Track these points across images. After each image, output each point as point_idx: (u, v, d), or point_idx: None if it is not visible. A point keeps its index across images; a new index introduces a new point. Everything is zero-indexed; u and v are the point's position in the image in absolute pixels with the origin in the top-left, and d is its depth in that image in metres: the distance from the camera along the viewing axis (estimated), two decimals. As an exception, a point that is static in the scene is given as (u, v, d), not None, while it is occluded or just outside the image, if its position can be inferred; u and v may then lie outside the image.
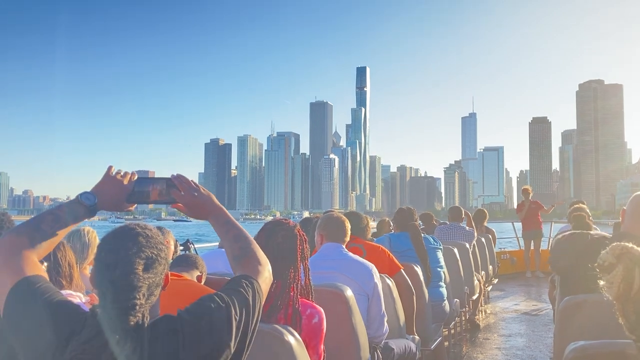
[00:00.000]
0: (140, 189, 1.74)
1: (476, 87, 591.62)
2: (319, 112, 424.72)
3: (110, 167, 1.74)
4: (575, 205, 6.40)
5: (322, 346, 2.25)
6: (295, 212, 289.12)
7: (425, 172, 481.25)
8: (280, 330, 1.97)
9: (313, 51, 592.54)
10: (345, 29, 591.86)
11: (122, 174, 1.73)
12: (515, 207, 13.16)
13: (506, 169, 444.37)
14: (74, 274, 2.47)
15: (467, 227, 7.52)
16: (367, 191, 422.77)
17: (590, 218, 5.43)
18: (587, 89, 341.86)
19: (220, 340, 1.38)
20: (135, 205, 1.75)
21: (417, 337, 3.83)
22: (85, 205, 1.65)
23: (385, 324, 3.16)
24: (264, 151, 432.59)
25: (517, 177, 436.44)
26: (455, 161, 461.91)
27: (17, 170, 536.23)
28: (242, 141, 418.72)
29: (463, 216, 7.52)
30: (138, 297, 1.30)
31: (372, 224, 5.09)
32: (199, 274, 2.65)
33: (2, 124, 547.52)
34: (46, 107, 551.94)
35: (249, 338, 1.48)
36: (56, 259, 2.41)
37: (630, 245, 1.25)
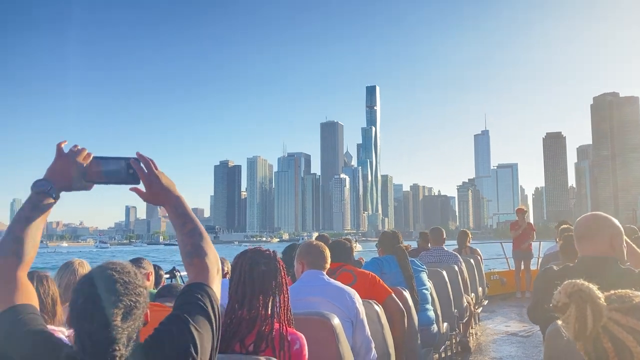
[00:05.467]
0: (98, 169, 1.68)
1: (488, 104, 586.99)
2: (330, 132, 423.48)
3: (60, 144, 1.69)
4: (563, 226, 6.46)
5: None
6: (305, 234, 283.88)
7: (439, 191, 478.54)
8: None
9: (322, 71, 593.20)
10: (354, 49, 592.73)
11: (76, 149, 1.69)
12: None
13: (521, 186, 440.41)
14: (57, 310, 2.42)
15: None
16: (380, 211, 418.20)
17: None
18: (602, 102, 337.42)
19: (179, 357, 1.38)
20: (94, 185, 1.70)
21: None
22: (41, 192, 1.62)
23: (373, 349, 3.15)
24: (274, 172, 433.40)
25: (533, 194, 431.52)
26: (468, 179, 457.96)
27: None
28: (252, 163, 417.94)
29: (444, 237, 7.36)
30: (118, 348, 1.30)
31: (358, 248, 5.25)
32: None
33: (16, 153, 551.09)
34: (55, 131, 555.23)
35: (215, 350, 1.47)
36: (38, 294, 2.22)
37: (581, 282, 1.21)
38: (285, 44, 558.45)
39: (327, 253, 3.41)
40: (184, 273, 5.44)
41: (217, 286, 1.60)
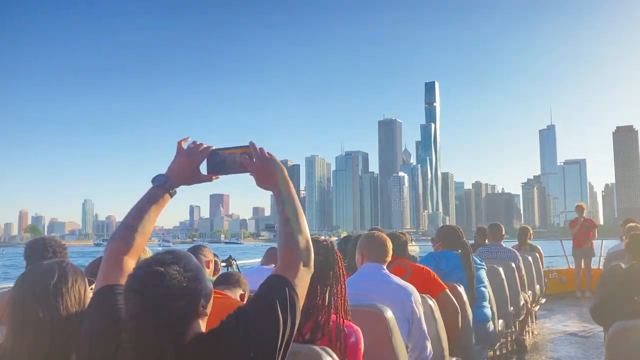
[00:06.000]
0: (218, 160, 1.78)
1: (554, 98, 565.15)
2: (388, 130, 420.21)
3: (179, 142, 1.81)
4: (630, 224, 6.34)
5: None
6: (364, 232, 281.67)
7: (502, 189, 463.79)
8: (318, 352, 1.92)
9: (380, 69, 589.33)
10: (412, 45, 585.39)
11: (194, 145, 1.80)
12: (601, 223, 12.66)
13: (590, 182, 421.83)
14: None
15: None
16: (440, 209, 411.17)
17: None
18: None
19: (256, 353, 1.39)
20: (218, 176, 1.81)
21: (460, 359, 3.77)
22: (158, 185, 1.77)
23: (429, 346, 3.15)
24: (331, 171, 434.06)
25: (602, 191, 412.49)
26: (534, 176, 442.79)
27: (101, 197, 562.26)
28: (310, 162, 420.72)
29: (503, 233, 7.17)
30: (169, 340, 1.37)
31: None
32: (242, 292, 2.68)
33: (88, 154, 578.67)
34: (124, 140, 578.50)
35: (285, 349, 1.46)
36: None
37: None
38: (343, 42, 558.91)
39: (389, 245, 3.38)
40: (240, 262, 5.46)
41: (301, 279, 1.57)
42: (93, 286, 1.80)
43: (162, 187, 1.78)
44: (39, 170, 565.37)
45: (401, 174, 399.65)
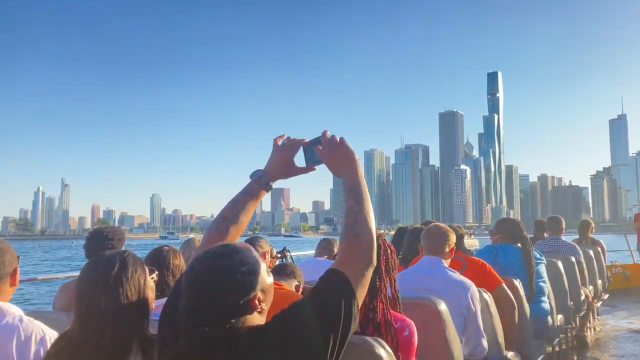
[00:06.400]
0: (311, 152, 1.84)
1: (625, 86, 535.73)
2: (449, 122, 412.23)
3: (275, 139, 1.89)
4: None
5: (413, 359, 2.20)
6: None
7: (570, 181, 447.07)
8: (371, 343, 1.90)
9: (440, 60, 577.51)
10: (473, 35, 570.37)
11: (287, 140, 1.88)
12: None
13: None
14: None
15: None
16: (504, 203, 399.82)
17: None
18: None
19: (308, 348, 1.37)
20: (314, 167, 1.85)
21: (517, 354, 3.69)
22: (254, 180, 1.86)
23: (483, 342, 3.12)
24: (391, 165, 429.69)
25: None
26: (603, 168, 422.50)
27: (168, 192, 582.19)
28: (369, 155, 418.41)
29: (563, 227, 7.00)
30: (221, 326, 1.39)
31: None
32: (297, 283, 2.70)
33: (157, 150, 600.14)
34: (190, 137, 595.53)
35: (341, 345, 1.42)
36: (170, 266, 2.60)
37: None
38: (402, 34, 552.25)
39: (452, 238, 3.34)
40: (294, 253, 5.49)
41: (360, 274, 1.51)
42: (154, 275, 1.93)
43: (258, 181, 1.85)
44: (110, 166, 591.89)
45: (463, 166, 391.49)
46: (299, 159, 1.88)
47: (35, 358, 2.01)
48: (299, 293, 2.55)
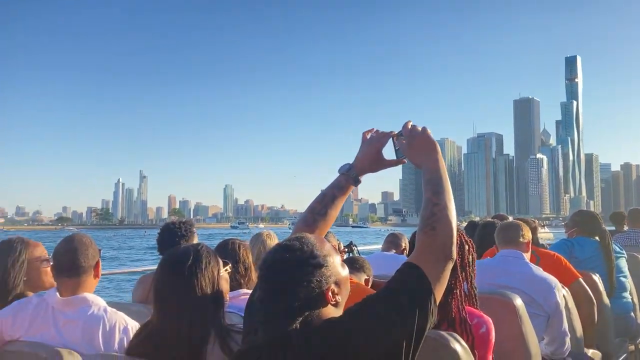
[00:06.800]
0: (400, 143, 1.81)
1: None
2: (524, 109, 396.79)
3: (364, 133, 1.89)
4: None
5: (490, 356, 2.16)
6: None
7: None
8: (446, 337, 1.88)
9: (514, 45, 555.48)
10: (549, 18, 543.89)
11: (377, 133, 1.87)
12: None
13: None
14: (251, 275, 2.66)
15: None
16: (584, 193, 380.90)
17: None
18: None
19: (382, 342, 1.36)
20: (404, 160, 1.82)
21: (597, 352, 3.59)
22: (342, 173, 1.86)
23: (568, 342, 3.04)
24: (462, 154, 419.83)
25: None
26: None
27: (240, 183, 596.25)
28: (440, 145, 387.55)
29: None
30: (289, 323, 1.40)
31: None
32: (366, 277, 2.70)
33: (230, 141, 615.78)
34: (262, 129, 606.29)
35: (417, 341, 1.40)
36: (237, 259, 2.65)
37: None
38: (473, 17, 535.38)
39: (527, 234, 3.25)
40: (361, 247, 5.35)
41: (437, 269, 1.46)
42: (228, 267, 2.01)
43: (346, 175, 1.85)
44: (186, 158, 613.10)
45: (539, 155, 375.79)
46: (387, 153, 1.86)
47: (119, 347, 2.16)
48: (368, 286, 2.53)
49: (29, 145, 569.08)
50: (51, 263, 2.44)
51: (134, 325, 2.24)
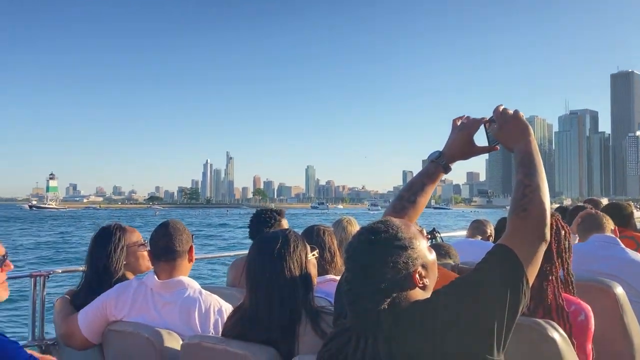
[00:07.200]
0: (492, 128, 1.75)
1: None
2: (622, 84, 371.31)
3: (454, 120, 1.86)
4: None
5: (590, 345, 2.08)
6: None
7: None
8: (544, 325, 1.85)
9: (612, 15, 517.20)
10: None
11: (466, 120, 1.83)
12: None
13: None
14: (336, 260, 2.69)
15: None
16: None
17: None
18: None
19: (471, 325, 1.35)
20: (497, 147, 1.77)
21: None
22: (432, 160, 1.86)
23: None
24: (553, 132, 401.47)
25: None
26: None
27: (322, 164, 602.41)
28: (529, 123, 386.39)
29: None
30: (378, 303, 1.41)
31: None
32: (452, 263, 2.69)
33: (311, 123, 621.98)
34: (343, 111, 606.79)
35: (508, 326, 1.38)
36: (321, 245, 2.65)
37: None
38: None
39: (608, 222, 3.16)
40: (444, 234, 5.31)
41: (529, 250, 1.44)
42: (315, 252, 2.08)
43: (436, 162, 1.85)
44: (270, 140, 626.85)
45: (638, 133, 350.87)
46: (478, 139, 1.83)
47: (215, 327, 2.27)
48: (455, 274, 2.54)
49: (125, 131, 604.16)
50: (147, 248, 2.58)
51: (227, 307, 2.33)
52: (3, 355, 1.58)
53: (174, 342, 2.20)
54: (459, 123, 1.84)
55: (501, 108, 1.71)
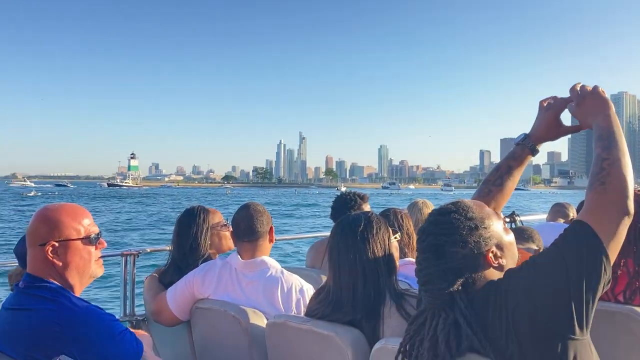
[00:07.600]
0: (569, 108, 1.71)
1: None
2: None
3: (541, 102, 1.82)
4: None
5: None
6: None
7: None
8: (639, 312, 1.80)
9: None
10: None
11: (553, 100, 1.78)
12: None
13: None
14: (412, 243, 2.69)
15: None
16: None
17: None
18: None
19: (546, 303, 1.31)
20: (584, 127, 1.69)
21: None
22: (519, 144, 1.83)
23: None
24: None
25: None
26: None
27: (395, 143, 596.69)
28: (617, 99, 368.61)
29: None
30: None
31: None
32: (536, 248, 2.68)
33: (383, 102, 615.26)
34: (416, 90, 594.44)
35: (587, 306, 1.31)
36: (402, 227, 2.69)
37: None
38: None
39: None
40: (524, 217, 5.10)
41: (608, 226, 1.36)
42: (397, 235, 2.09)
43: (522, 145, 1.82)
44: (342, 119, 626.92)
45: None
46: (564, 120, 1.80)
47: (297, 307, 2.32)
48: None
49: (205, 114, 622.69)
50: (230, 229, 2.67)
51: (308, 288, 2.39)
52: (102, 326, 1.67)
53: (259, 320, 2.27)
54: (545, 104, 1.80)
55: (578, 86, 1.66)
